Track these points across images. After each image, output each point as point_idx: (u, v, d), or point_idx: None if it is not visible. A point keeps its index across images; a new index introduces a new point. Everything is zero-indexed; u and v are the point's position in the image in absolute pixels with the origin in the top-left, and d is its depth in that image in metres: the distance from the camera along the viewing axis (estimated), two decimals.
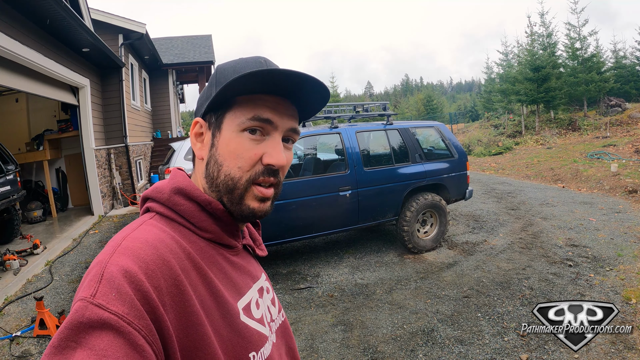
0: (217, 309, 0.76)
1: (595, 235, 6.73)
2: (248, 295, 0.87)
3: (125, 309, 0.60)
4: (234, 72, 0.82)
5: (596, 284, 4.98)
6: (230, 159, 0.82)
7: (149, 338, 0.61)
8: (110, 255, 0.67)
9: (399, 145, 6.62)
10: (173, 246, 0.74)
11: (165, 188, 0.84)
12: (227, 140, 0.82)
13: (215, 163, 0.83)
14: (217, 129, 0.84)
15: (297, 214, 5.76)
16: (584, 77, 22.07)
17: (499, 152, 20.43)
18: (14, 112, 11.58)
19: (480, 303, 4.72)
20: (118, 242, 0.70)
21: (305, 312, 4.85)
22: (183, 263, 0.73)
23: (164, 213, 0.82)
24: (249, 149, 0.81)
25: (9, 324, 4.92)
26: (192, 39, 20.80)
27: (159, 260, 0.69)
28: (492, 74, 35.50)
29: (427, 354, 3.82)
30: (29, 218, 10.16)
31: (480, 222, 8.11)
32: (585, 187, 11.02)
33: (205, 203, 0.82)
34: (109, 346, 0.57)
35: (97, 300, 0.60)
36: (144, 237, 0.72)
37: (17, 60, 6.81)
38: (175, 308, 0.67)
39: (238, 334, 0.78)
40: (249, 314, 0.84)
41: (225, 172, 0.82)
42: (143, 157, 14.57)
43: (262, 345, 0.83)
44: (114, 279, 0.62)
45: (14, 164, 8.31)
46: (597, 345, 3.68)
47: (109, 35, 12.29)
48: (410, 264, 6.14)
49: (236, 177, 0.82)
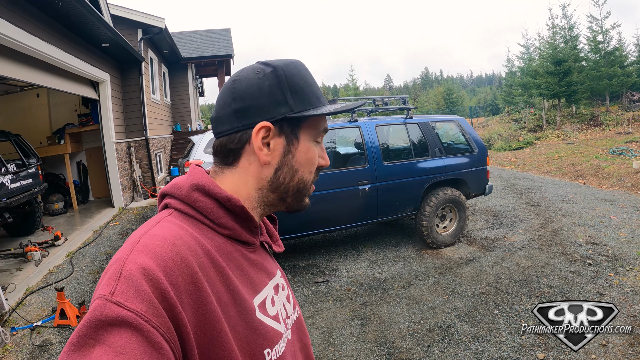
0: (233, 306, 0.76)
1: (616, 234, 6.60)
2: (264, 292, 0.87)
3: (143, 306, 0.61)
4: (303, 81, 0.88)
5: (616, 283, 4.88)
6: (306, 166, 0.90)
7: (166, 335, 0.62)
8: (129, 252, 0.68)
9: (419, 140, 6.57)
10: (191, 243, 0.74)
11: (184, 184, 0.84)
12: (306, 149, 0.90)
13: (290, 169, 0.89)
14: (294, 138, 0.88)
15: (316, 207, 5.73)
16: (606, 71, 21.65)
17: (519, 146, 20.15)
18: (36, 107, 11.80)
19: (498, 300, 4.68)
20: (136, 240, 0.71)
21: (322, 305, 4.86)
22: (201, 260, 0.73)
23: (182, 209, 0.82)
24: (316, 156, 0.93)
25: (30, 314, 5.02)
26: (210, 33, 20.88)
27: (177, 258, 0.69)
28: (512, 67, 35.04)
29: (443, 350, 3.80)
30: (51, 210, 10.35)
31: (500, 218, 8.02)
32: (607, 184, 10.82)
33: (224, 200, 0.82)
34: (127, 343, 0.57)
35: (115, 298, 0.61)
36: (162, 234, 0.73)
37: (38, 57, 6.91)
38: (192, 305, 0.68)
39: (254, 330, 0.79)
40: (264, 311, 0.85)
41: (299, 176, 0.90)
42: (163, 150, 14.69)
43: (277, 342, 0.84)
44: (132, 276, 0.63)
45: (35, 157, 8.47)
46: (614, 347, 3.62)
47: (128, 30, 12.39)
48: (428, 259, 6.11)
49: (308, 181, 0.92)
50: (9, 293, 5.43)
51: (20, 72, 6.72)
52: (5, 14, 5.69)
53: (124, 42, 9.73)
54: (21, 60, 6.65)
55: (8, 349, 4.29)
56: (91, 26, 8.06)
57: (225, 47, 18.82)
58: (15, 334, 4.58)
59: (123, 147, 11.48)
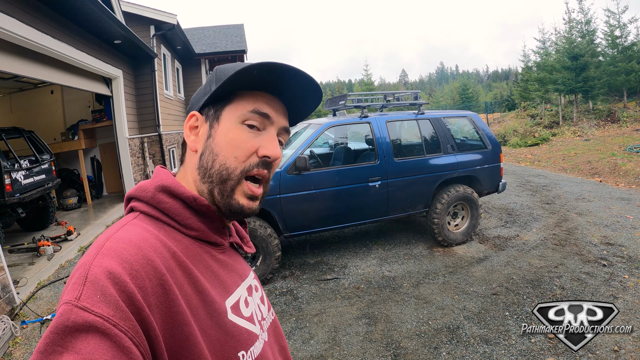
0: (203, 308, 0.75)
1: (632, 234, 6.46)
2: (237, 294, 0.86)
3: (110, 310, 0.59)
4: (234, 70, 0.81)
5: (630, 285, 4.77)
6: (227, 149, 0.83)
7: (135, 339, 0.60)
8: (94, 256, 0.66)
9: (431, 136, 6.49)
10: (157, 245, 0.72)
11: (149, 187, 0.83)
12: (226, 130, 0.84)
13: (211, 153, 0.84)
14: (215, 121, 0.86)
15: (326, 203, 5.72)
16: (623, 67, 21.21)
17: (535, 143, 19.89)
18: (50, 104, 11.94)
19: (508, 301, 4.60)
20: (101, 244, 0.69)
21: (330, 303, 4.84)
22: (168, 262, 0.72)
23: (148, 212, 0.81)
24: (247, 140, 0.83)
25: (41, 308, 5.07)
26: (223, 29, 20.92)
27: (143, 260, 0.67)
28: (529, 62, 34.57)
29: (450, 353, 3.75)
30: (65, 205, 10.46)
31: (514, 216, 7.91)
32: (623, 182, 10.61)
33: (189, 200, 0.82)
34: (96, 349, 0.56)
35: (81, 303, 0.59)
36: (128, 237, 0.71)
37: (51, 55, 6.96)
38: (160, 308, 0.67)
39: (226, 332, 0.77)
40: (238, 312, 0.83)
41: (220, 161, 0.83)
42: (176, 146, 14.76)
43: (252, 344, 0.82)
44: (97, 280, 0.61)
45: (48, 153, 8.55)
46: (626, 352, 3.52)
47: (141, 26, 12.45)
48: (439, 257, 6.05)
49: (231, 167, 0.83)
50: (20, 287, 5.49)
51: (34, 70, 6.77)
52: (17, 14, 5.73)
53: (136, 39, 9.77)
54: (34, 59, 6.70)
55: (18, 342, 4.35)
56: (103, 24, 8.09)
57: (238, 43, 18.85)
58: (25, 327, 4.63)
59: (136, 143, 11.54)
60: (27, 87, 11.38)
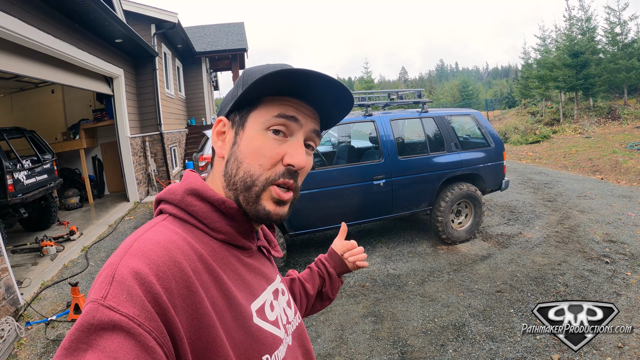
0: (229, 311, 0.75)
1: (634, 232, 6.45)
2: (262, 297, 0.87)
3: (136, 310, 0.60)
4: (261, 74, 0.79)
5: (633, 283, 4.77)
6: (251, 157, 0.81)
7: (159, 340, 0.61)
8: (122, 257, 0.66)
9: (434, 134, 6.49)
10: (185, 247, 0.73)
11: (178, 189, 0.83)
12: (250, 137, 0.82)
13: (236, 160, 0.83)
14: (240, 127, 0.85)
15: (330, 202, 5.72)
16: (624, 64, 21.17)
17: (536, 140, 19.87)
18: (51, 103, 11.94)
19: (513, 298, 4.61)
20: (130, 244, 0.70)
21: (336, 302, 4.84)
22: (194, 264, 0.72)
23: (176, 214, 0.81)
24: (272, 148, 0.81)
25: (45, 308, 5.07)
26: (224, 27, 20.90)
27: (170, 262, 0.68)
28: (529, 60, 34.50)
29: (457, 350, 3.75)
30: (67, 205, 10.47)
31: (516, 214, 7.92)
32: (625, 180, 10.59)
33: (218, 203, 0.82)
34: (120, 348, 0.56)
35: (108, 302, 0.60)
36: (156, 238, 0.71)
37: (51, 54, 6.97)
38: (186, 310, 0.67)
39: (251, 336, 0.78)
40: (263, 316, 0.84)
41: (245, 169, 0.82)
42: (178, 144, 14.76)
43: (276, 348, 0.83)
44: (124, 280, 0.62)
45: (50, 153, 8.56)
46: (630, 349, 3.53)
47: (142, 25, 12.46)
48: (443, 255, 6.06)
49: (255, 175, 0.81)
50: (24, 288, 5.49)
51: (35, 70, 6.77)
52: (18, 13, 5.72)
53: (137, 38, 9.77)
54: (35, 58, 6.70)
55: (23, 344, 4.35)
56: (104, 23, 8.10)
57: (239, 41, 18.85)
58: (30, 329, 4.63)
59: (138, 142, 11.54)
60: (28, 87, 11.37)
